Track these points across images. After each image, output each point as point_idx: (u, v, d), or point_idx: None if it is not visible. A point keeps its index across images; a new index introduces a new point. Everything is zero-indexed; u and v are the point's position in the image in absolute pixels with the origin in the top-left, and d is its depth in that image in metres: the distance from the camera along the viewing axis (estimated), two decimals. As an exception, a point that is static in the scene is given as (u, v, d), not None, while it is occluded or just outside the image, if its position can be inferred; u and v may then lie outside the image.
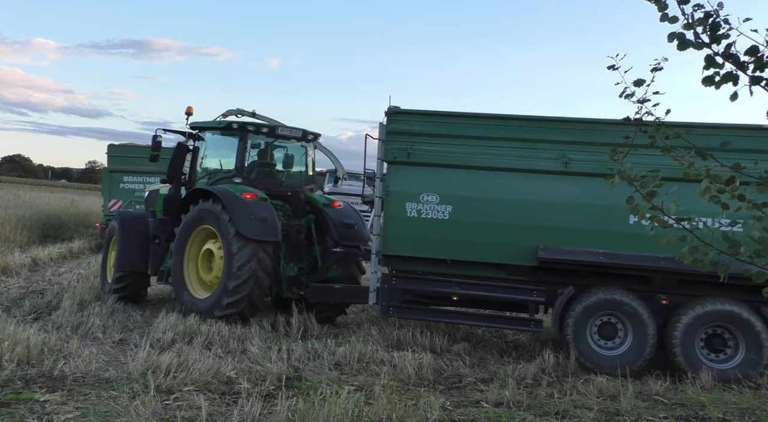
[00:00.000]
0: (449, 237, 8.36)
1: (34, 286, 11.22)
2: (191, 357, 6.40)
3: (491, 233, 8.26)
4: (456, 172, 8.45)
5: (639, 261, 7.77)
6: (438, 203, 8.43)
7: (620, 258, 7.82)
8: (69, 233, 21.44)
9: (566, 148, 8.16)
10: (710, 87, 3.59)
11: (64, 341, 6.92)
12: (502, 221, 8.24)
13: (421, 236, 8.41)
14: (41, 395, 5.27)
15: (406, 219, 8.44)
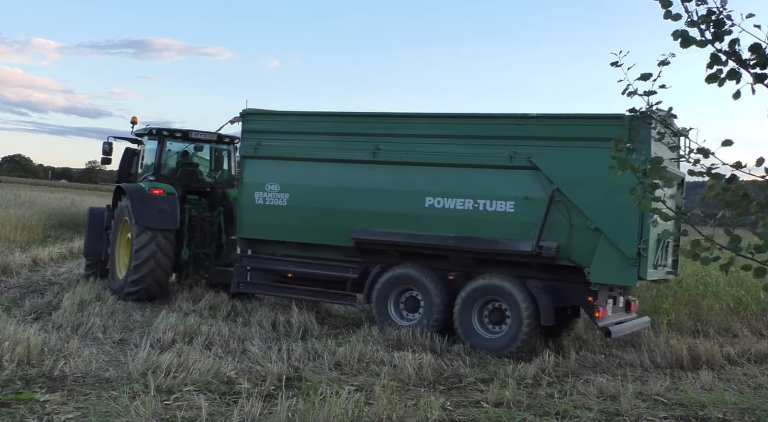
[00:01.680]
0: (287, 222, 9.55)
1: (35, 286, 11.19)
2: (191, 357, 6.37)
3: (318, 217, 9.35)
4: (292, 164, 9.61)
5: (429, 241, 8.65)
6: (279, 191, 9.64)
7: (416, 238, 8.72)
8: (69, 233, 21.41)
9: (377, 140, 9.09)
10: (713, 84, 3.58)
11: (65, 341, 6.90)
12: (325, 206, 9.30)
13: (267, 221, 9.66)
14: (41, 395, 5.24)
15: (255, 206, 9.71)
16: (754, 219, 3.65)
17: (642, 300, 10.47)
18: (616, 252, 7.75)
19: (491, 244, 8.37)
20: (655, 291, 10.79)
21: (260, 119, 9.96)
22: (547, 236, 8.05)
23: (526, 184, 8.24)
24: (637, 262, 7.70)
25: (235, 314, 9.49)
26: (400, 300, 8.92)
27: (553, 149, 8.16)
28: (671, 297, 10.58)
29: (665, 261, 8.61)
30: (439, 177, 8.75)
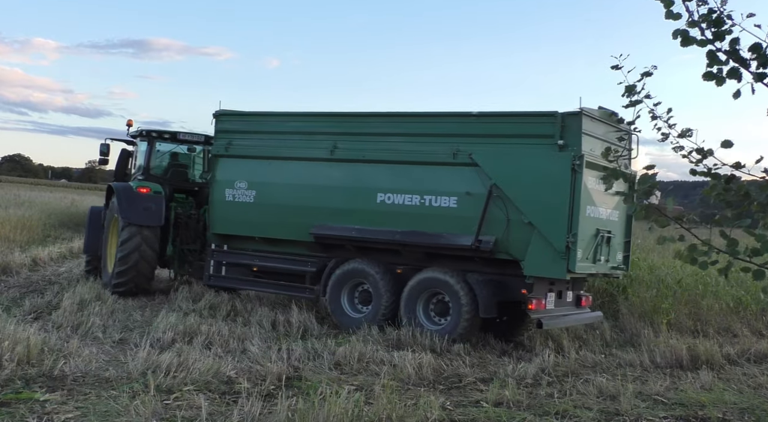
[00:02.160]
0: (254, 218, 10.06)
1: (34, 286, 11.20)
2: (191, 356, 6.37)
3: (281, 213, 9.83)
4: (259, 162, 10.15)
5: (379, 236, 9.07)
6: (246, 189, 10.18)
7: (367, 233, 9.14)
8: (69, 233, 21.40)
9: (335, 138, 9.56)
10: (711, 81, 3.58)
11: (64, 341, 6.90)
12: (288, 203, 9.81)
13: (236, 217, 10.23)
14: (41, 395, 5.24)
15: (225, 203, 10.32)
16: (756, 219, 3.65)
17: (641, 300, 10.48)
18: (548, 245, 8.05)
19: (435, 239, 8.73)
20: (655, 292, 10.80)
21: (231, 119, 10.56)
22: (486, 230, 8.38)
23: (467, 180, 8.59)
24: (567, 255, 7.97)
25: (234, 314, 9.49)
26: (354, 294, 9.34)
27: (491, 146, 8.54)
28: (671, 297, 10.58)
29: (610, 256, 8.80)
30: (389, 174, 9.16)
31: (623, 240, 9.21)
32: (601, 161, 8.17)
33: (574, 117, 8.14)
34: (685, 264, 11.42)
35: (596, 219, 8.49)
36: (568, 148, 8.10)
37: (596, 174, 8.21)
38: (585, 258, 8.25)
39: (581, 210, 8.06)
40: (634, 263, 12.03)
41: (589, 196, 8.27)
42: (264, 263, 10.16)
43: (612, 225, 8.85)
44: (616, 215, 8.95)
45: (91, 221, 12.27)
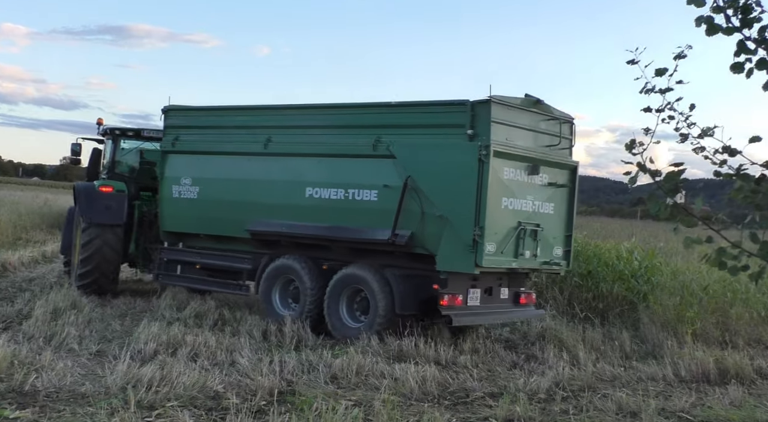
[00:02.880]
0: (197, 214, 10.74)
1: (4, 293, 11.19)
2: (175, 369, 6.38)
3: (221, 209, 10.43)
4: (201, 158, 10.80)
5: (307, 231, 9.54)
6: (191, 185, 10.83)
7: (296, 228, 9.63)
8: (42, 235, 21.40)
9: (269, 132, 10.07)
10: (740, 74, 3.57)
11: (36, 353, 6.90)
12: (227, 198, 10.39)
13: (183, 214, 10.94)
14: (11, 412, 5.25)
15: (172, 199, 11.00)
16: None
17: (664, 308, 10.47)
18: (458, 239, 8.35)
19: (356, 233, 9.17)
20: (678, 299, 10.79)
21: (179, 115, 11.25)
22: (403, 224, 8.70)
23: (386, 173, 8.94)
24: (474, 249, 8.22)
25: (222, 323, 9.50)
26: (286, 291, 9.83)
27: (407, 137, 8.92)
28: (696, 304, 10.57)
29: (539, 250, 9.07)
30: (317, 167, 9.65)
31: (563, 234, 9.50)
32: (522, 151, 8.79)
33: (483, 105, 8.42)
34: (711, 270, 11.44)
35: (517, 212, 8.76)
36: (478, 138, 8.39)
37: (517, 164, 8.65)
38: (500, 252, 8.51)
39: (491, 201, 8.31)
40: (656, 268, 12.05)
41: (506, 188, 8.56)
42: (205, 260, 10.89)
43: (543, 218, 9.10)
44: (550, 208, 9.23)
45: (68, 221, 12.81)
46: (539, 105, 9.12)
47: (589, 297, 12.14)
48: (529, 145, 9.03)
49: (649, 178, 3.94)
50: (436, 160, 8.62)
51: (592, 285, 12.20)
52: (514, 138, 8.70)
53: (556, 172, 9.37)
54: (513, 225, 8.66)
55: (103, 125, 12.72)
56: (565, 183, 9.48)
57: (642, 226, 29.68)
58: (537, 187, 9.01)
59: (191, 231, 11.04)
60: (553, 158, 9.30)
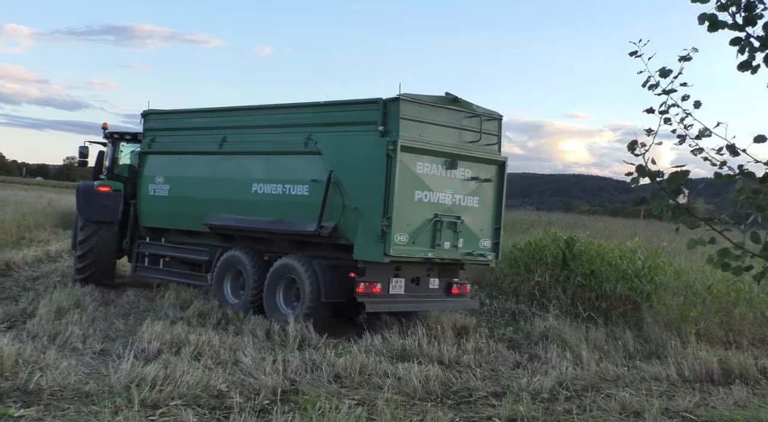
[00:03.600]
0: (167, 211, 11.71)
1: (8, 292, 11.23)
2: (179, 368, 6.39)
3: (185, 206, 11.32)
4: (172, 158, 11.75)
5: (250, 224, 10.26)
6: (163, 183, 11.81)
7: (242, 222, 10.37)
8: (46, 235, 21.45)
9: (224, 132, 10.91)
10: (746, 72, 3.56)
11: (41, 352, 6.92)
12: (188, 195, 11.32)
13: (157, 210, 11.94)
14: (15, 410, 5.26)
15: (149, 197, 12.04)
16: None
17: (667, 308, 10.47)
18: (370, 230, 8.86)
19: (290, 226, 9.80)
20: (682, 299, 10.78)
21: (155, 118, 12.27)
22: (328, 217, 9.31)
23: (314, 169, 9.55)
24: (383, 239, 8.71)
25: (226, 322, 9.52)
26: (237, 281, 10.55)
27: (330, 134, 9.53)
28: (700, 304, 10.56)
29: (460, 241, 9.48)
30: (261, 165, 10.40)
31: (491, 227, 9.93)
32: (438, 146, 9.22)
33: (393, 103, 8.93)
34: (715, 269, 11.41)
35: (434, 205, 9.20)
36: (389, 134, 8.89)
37: (433, 159, 9.11)
38: (412, 242, 8.97)
39: (400, 194, 8.75)
40: (659, 267, 12.04)
41: (419, 181, 9.03)
42: (171, 253, 11.85)
43: (465, 211, 9.52)
44: (474, 201, 9.66)
45: (77, 220, 13.19)
46: (458, 102, 9.52)
47: (592, 297, 12.14)
48: (448, 141, 9.43)
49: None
50: (353, 155, 9.22)
51: (595, 285, 12.20)
52: (430, 134, 9.17)
53: (481, 167, 9.76)
54: (428, 217, 9.09)
55: (111, 131, 13.42)
56: (491, 177, 9.84)
57: (645, 226, 29.61)
58: (458, 181, 9.43)
59: (164, 227, 11.99)
60: (477, 154, 9.67)
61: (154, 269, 12.18)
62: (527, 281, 13.82)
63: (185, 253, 11.65)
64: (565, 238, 13.61)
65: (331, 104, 9.80)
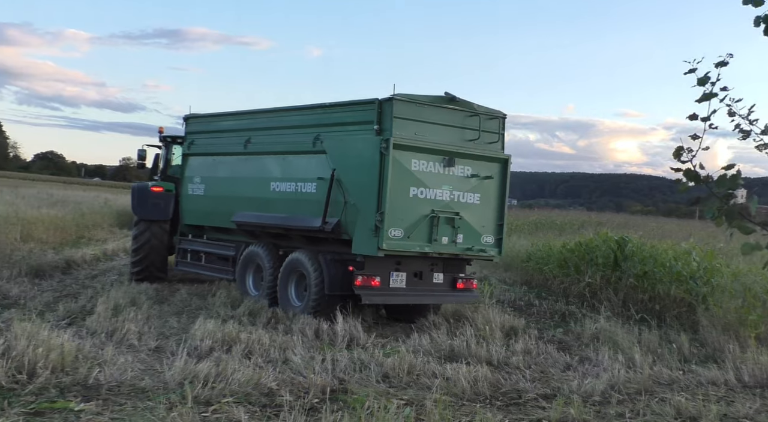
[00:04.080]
0: (203, 209, 12.41)
1: (68, 290, 11.59)
2: (230, 366, 6.48)
3: (217, 204, 11.96)
4: (206, 159, 12.44)
5: (267, 221, 10.74)
6: (200, 183, 12.50)
7: (261, 219, 10.84)
8: (103, 234, 22.07)
9: (249, 134, 11.50)
10: None
11: (99, 348, 7.11)
12: (219, 194, 11.99)
13: (195, 209, 12.63)
14: (76, 404, 5.42)
15: (189, 196, 12.74)
16: None
17: (724, 311, 10.16)
18: (366, 224, 9.18)
19: (300, 222, 10.18)
20: (740, 302, 10.44)
21: (195, 122, 12.93)
22: (332, 213, 9.64)
23: (320, 167, 9.96)
24: (377, 234, 9.01)
25: (275, 321, 9.63)
26: (258, 275, 11.07)
27: (333, 134, 9.93)
28: (760, 307, 10.21)
29: (459, 237, 9.70)
30: (278, 164, 10.88)
31: (494, 223, 10.07)
32: (434, 144, 9.43)
33: (388, 103, 9.22)
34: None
35: (430, 201, 9.42)
36: (384, 133, 9.20)
37: (429, 157, 9.35)
38: (407, 237, 9.23)
39: (394, 190, 9.05)
40: (716, 269, 11.68)
41: (415, 178, 9.28)
42: (206, 249, 12.54)
43: (465, 207, 9.71)
44: (475, 198, 9.84)
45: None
46: (456, 102, 9.69)
47: (645, 299, 11.88)
48: (447, 139, 9.61)
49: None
50: (352, 153, 9.57)
51: (648, 287, 11.93)
52: (426, 132, 9.41)
53: (482, 165, 9.91)
54: (425, 213, 9.33)
55: (165, 135, 14.19)
56: (492, 175, 9.97)
57: (701, 226, 28.83)
58: (457, 178, 9.64)
59: (202, 224, 12.58)
60: (477, 151, 9.82)
61: (192, 264, 12.90)
62: (577, 282, 13.62)
63: (217, 249, 12.27)
64: (617, 239, 13.34)
65: (335, 105, 10.16)
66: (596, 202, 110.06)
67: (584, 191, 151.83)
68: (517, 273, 17.20)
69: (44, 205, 23.85)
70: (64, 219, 20.74)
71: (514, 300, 13.48)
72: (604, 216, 34.67)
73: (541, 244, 17.03)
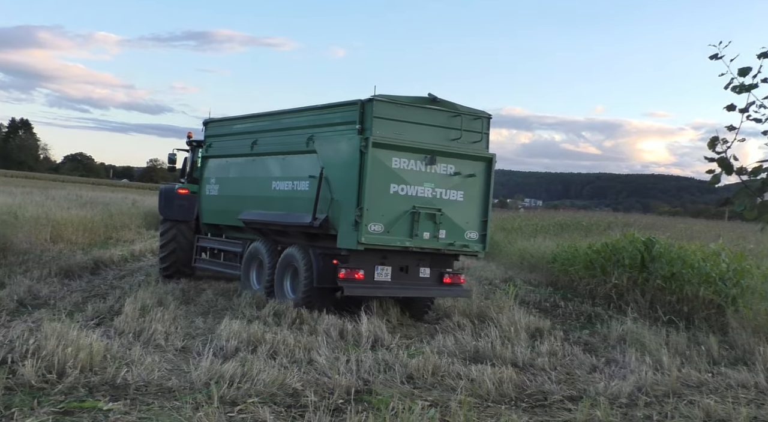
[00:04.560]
0: (218, 208, 12.98)
1: (96, 290, 11.75)
2: (255, 366, 6.53)
3: (227, 203, 12.57)
4: (221, 160, 13.09)
5: (270, 218, 11.15)
6: (215, 184, 13.12)
7: (264, 216, 11.28)
8: (131, 234, 22.34)
9: (255, 136, 12.00)
10: None
11: (127, 348, 7.19)
12: (231, 193, 12.59)
13: (212, 208, 13.21)
14: (104, 404, 5.48)
15: (206, 196, 13.36)
16: None
17: (755, 313, 9.98)
18: (348, 220, 9.62)
19: (294, 218, 10.57)
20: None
21: (212, 126, 13.58)
22: (321, 209, 10.03)
23: (312, 166, 10.37)
24: (357, 229, 9.46)
25: (300, 322, 9.66)
26: (261, 270, 11.51)
27: (323, 134, 10.37)
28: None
29: (440, 232, 10.07)
30: (278, 164, 11.42)
31: (478, 220, 10.41)
32: (415, 143, 9.86)
33: (369, 103, 9.65)
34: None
35: (411, 198, 9.86)
36: (365, 132, 9.64)
37: (410, 155, 9.77)
38: (387, 231, 9.67)
39: (373, 187, 9.49)
40: (746, 270, 11.48)
41: (395, 175, 9.71)
42: (218, 246, 13.22)
43: (447, 204, 10.10)
44: (459, 195, 10.23)
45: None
46: (438, 102, 10.09)
47: (673, 300, 11.72)
48: (429, 139, 10.02)
49: (735, 177, 3.77)
50: (337, 152, 10.01)
51: (676, 288, 11.77)
52: (407, 132, 9.83)
53: (466, 163, 10.28)
54: (406, 209, 9.76)
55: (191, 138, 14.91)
56: (475, 173, 10.32)
57: (730, 228, 28.38)
58: (439, 176, 10.05)
59: (217, 223, 13.13)
60: (460, 150, 10.19)
61: (207, 261, 13.64)
62: (603, 283, 13.49)
63: (228, 246, 12.93)
64: (644, 240, 13.18)
65: (324, 107, 10.64)
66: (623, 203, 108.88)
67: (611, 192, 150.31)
68: (542, 274, 17.08)
69: (73, 207, 24.19)
70: (92, 220, 21.03)
71: (540, 301, 13.38)
72: (631, 217, 34.26)
73: (566, 245, 16.90)
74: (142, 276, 13.45)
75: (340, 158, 9.91)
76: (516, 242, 22.72)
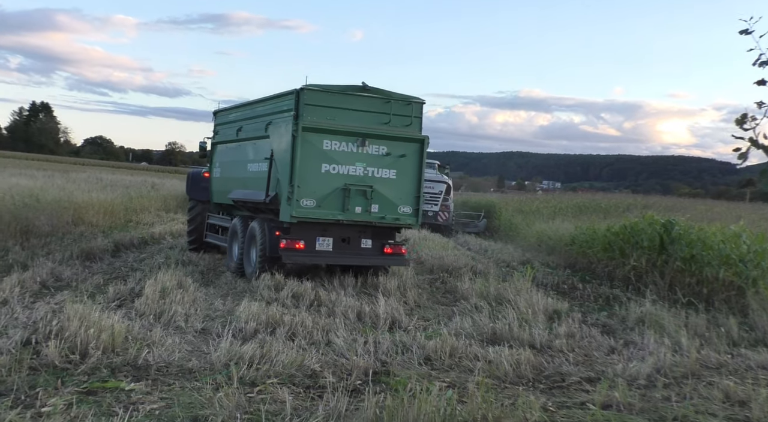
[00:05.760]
0: (220, 189, 14.37)
1: (117, 272, 11.89)
2: (274, 348, 6.59)
3: (225, 184, 13.98)
4: (222, 146, 14.59)
5: (239, 196, 12.77)
6: (218, 167, 14.60)
7: (240, 195, 12.75)
8: (150, 217, 22.52)
9: (241, 123, 13.43)
10: None
11: (147, 329, 7.29)
12: (225, 176, 14.10)
13: (216, 189, 14.75)
14: (126, 384, 5.57)
15: (214, 178, 14.86)
16: None
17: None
18: (284, 196, 10.84)
19: (256, 196, 11.93)
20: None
21: (220, 114, 14.97)
22: (271, 188, 11.38)
23: (268, 149, 11.67)
24: (290, 204, 10.71)
25: (318, 304, 9.73)
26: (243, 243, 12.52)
27: (274, 121, 11.59)
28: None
29: (372, 207, 11.17)
30: (251, 148, 12.75)
31: (412, 196, 11.50)
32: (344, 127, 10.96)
33: (301, 92, 10.84)
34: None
35: (343, 176, 10.99)
36: (299, 118, 10.78)
37: (341, 138, 10.91)
38: (318, 206, 10.87)
39: (303, 166, 10.71)
40: (767, 252, 11.36)
41: (326, 156, 10.88)
42: (219, 223, 14.55)
43: (379, 182, 11.21)
44: (391, 173, 11.31)
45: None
46: (368, 90, 11.13)
47: (693, 282, 11.64)
48: (361, 123, 11.11)
49: (761, 156, 3.70)
50: (280, 137, 11.16)
51: (695, 270, 11.68)
52: (341, 117, 10.98)
53: (398, 145, 11.35)
54: (338, 186, 10.93)
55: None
56: (406, 154, 11.38)
57: (751, 209, 28.00)
58: (371, 156, 11.14)
59: (220, 202, 14.44)
60: (392, 133, 11.26)
61: (213, 237, 14.89)
62: (622, 265, 13.42)
63: (224, 223, 14.16)
64: (663, 222, 13.07)
65: (276, 96, 11.78)
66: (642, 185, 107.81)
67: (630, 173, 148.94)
68: (560, 256, 17.01)
69: (94, 190, 24.38)
70: (113, 203, 21.21)
71: (558, 283, 13.34)
72: (650, 199, 33.90)
73: (585, 227, 16.80)
74: (162, 259, 13.57)
75: (282, 141, 11.05)
76: (534, 224, 22.63)
